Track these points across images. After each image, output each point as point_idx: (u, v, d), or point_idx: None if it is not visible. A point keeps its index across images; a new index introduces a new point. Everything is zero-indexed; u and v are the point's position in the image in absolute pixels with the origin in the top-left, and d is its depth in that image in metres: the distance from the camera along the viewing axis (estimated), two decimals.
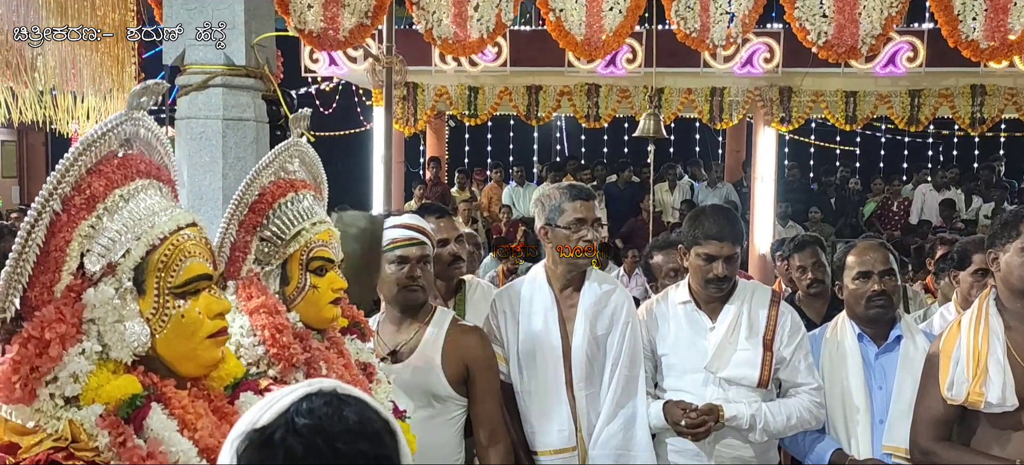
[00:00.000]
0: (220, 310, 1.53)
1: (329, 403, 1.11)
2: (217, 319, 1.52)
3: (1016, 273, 2.54)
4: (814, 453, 2.95)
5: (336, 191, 8.95)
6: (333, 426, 1.09)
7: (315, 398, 1.12)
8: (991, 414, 2.56)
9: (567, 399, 2.91)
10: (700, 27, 6.05)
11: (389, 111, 8.46)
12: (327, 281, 1.91)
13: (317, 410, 1.10)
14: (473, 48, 6.38)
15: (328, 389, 1.14)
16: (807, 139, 15.67)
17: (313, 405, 1.11)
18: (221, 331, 1.54)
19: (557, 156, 16.45)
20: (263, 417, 1.11)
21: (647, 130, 7.80)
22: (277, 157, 1.91)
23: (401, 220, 2.76)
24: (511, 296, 3.05)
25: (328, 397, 1.12)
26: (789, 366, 2.94)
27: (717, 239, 2.89)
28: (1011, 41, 6.14)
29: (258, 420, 1.11)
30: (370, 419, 1.13)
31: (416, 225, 2.75)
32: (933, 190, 11.67)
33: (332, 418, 1.09)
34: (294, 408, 1.11)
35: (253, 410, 1.15)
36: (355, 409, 1.12)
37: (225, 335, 1.56)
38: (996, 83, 10.91)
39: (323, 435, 1.08)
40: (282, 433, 1.08)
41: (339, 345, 1.98)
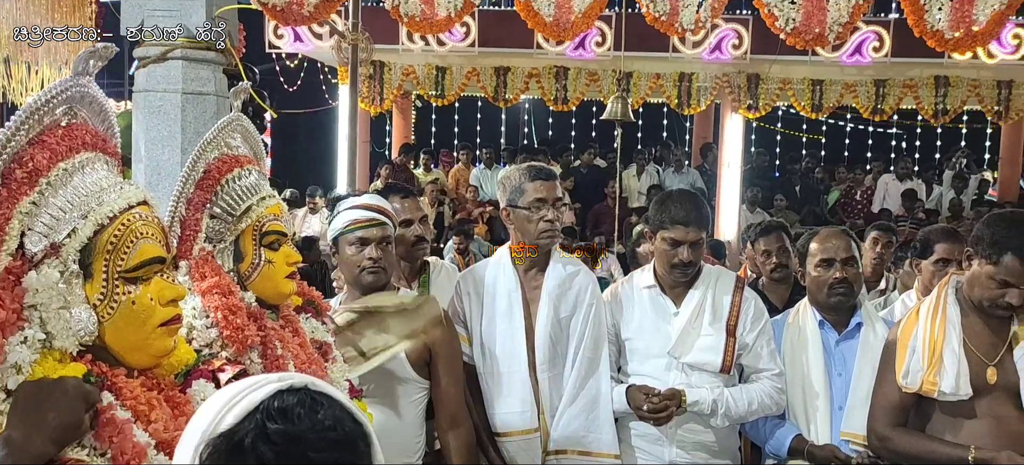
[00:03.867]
0: (174, 296, 1.44)
1: (302, 404, 1.04)
2: (170, 306, 1.44)
3: (982, 290, 2.57)
4: (774, 438, 2.96)
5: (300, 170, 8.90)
6: (308, 432, 1.02)
7: (287, 396, 1.05)
8: (945, 402, 2.59)
9: (530, 381, 2.89)
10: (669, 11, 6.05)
11: (354, 90, 8.37)
12: (282, 255, 1.87)
13: (290, 412, 1.03)
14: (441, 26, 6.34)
15: (299, 386, 1.07)
16: (774, 126, 15.81)
17: (285, 405, 1.03)
18: (174, 319, 1.45)
19: (525, 138, 16.43)
20: (228, 416, 1.04)
21: (615, 113, 7.81)
22: (220, 133, 1.85)
23: (362, 201, 2.71)
24: (475, 277, 3.02)
25: (301, 396, 1.05)
26: (751, 352, 2.95)
27: (683, 224, 2.88)
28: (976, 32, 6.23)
29: (223, 418, 1.03)
30: (344, 423, 1.06)
31: (377, 206, 2.70)
32: (895, 180, 11.84)
33: (305, 421, 1.02)
34: (264, 408, 1.03)
35: (215, 404, 1.07)
36: (330, 411, 1.05)
37: (178, 323, 1.48)
38: (959, 75, 11.08)
39: (297, 443, 1.01)
40: (253, 438, 1.01)
41: (294, 324, 1.94)
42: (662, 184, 11.32)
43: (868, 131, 16.04)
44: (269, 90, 11.52)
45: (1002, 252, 2.51)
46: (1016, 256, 2.49)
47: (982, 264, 2.57)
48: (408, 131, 13.65)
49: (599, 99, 11.63)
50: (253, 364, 1.71)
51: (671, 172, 11.90)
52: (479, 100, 14.58)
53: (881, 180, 11.97)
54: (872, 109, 11.33)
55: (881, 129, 15.66)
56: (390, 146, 14.04)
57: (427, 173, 12.23)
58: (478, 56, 11.21)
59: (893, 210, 11.25)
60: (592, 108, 14.30)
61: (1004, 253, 2.51)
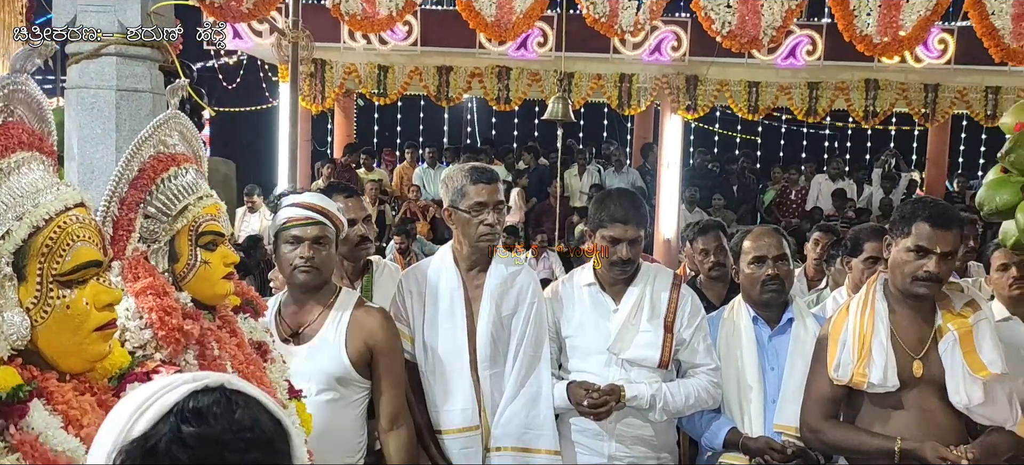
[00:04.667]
0: (110, 300, 1.42)
1: (218, 404, 1.02)
2: (105, 310, 1.41)
3: (901, 269, 2.68)
4: (710, 432, 3.03)
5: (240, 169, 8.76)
6: (223, 434, 0.99)
7: (202, 397, 1.02)
8: (874, 394, 2.68)
9: (471, 379, 2.91)
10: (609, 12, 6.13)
11: (295, 88, 8.28)
12: (218, 255, 1.84)
13: (205, 413, 1.00)
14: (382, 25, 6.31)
15: (215, 385, 1.04)
16: (712, 127, 16.09)
17: (201, 406, 1.01)
18: (109, 324, 1.42)
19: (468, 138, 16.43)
20: (141, 420, 1.01)
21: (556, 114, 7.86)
22: (156, 131, 1.82)
23: (298, 199, 2.70)
24: (418, 276, 3.03)
25: (217, 396, 1.03)
26: (688, 347, 3.01)
27: (622, 222, 2.93)
28: (903, 37, 6.45)
29: (136, 423, 1.01)
30: (262, 422, 1.04)
31: (313, 204, 2.69)
32: (828, 180, 12.16)
33: (221, 422, 1.00)
34: (178, 411, 1.01)
35: (127, 408, 1.04)
36: (247, 411, 1.03)
37: (113, 327, 1.45)
38: (888, 78, 11.42)
39: (213, 445, 0.98)
40: (166, 443, 0.98)
41: (232, 324, 1.91)
42: (603, 183, 11.43)
43: (802, 132, 16.45)
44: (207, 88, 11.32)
45: (912, 222, 2.65)
46: (925, 222, 2.63)
47: (898, 242, 2.69)
48: (350, 130, 13.54)
49: (541, 99, 11.68)
50: (189, 365, 1.69)
51: (612, 172, 12.03)
52: (422, 99, 14.53)
53: (814, 180, 12.29)
54: (806, 111, 11.61)
55: (814, 130, 16.06)
56: (332, 145, 13.89)
57: (369, 172, 12.15)
58: (420, 55, 11.17)
59: (825, 209, 11.56)
60: (534, 108, 14.36)
61: (914, 222, 2.64)
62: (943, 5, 6.97)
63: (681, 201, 11.47)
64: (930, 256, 2.62)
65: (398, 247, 8.39)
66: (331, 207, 2.73)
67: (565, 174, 11.53)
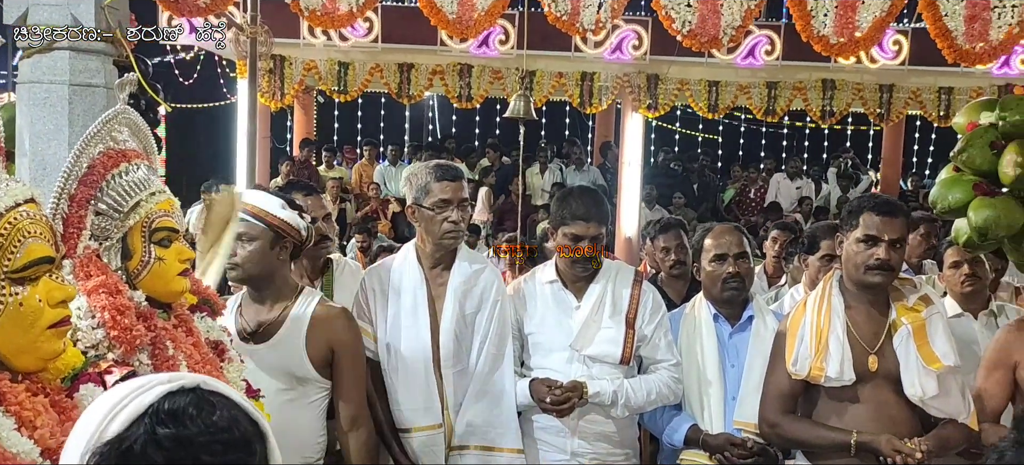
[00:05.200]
0: (63, 297, 1.40)
1: (194, 405, 1.00)
2: (59, 307, 1.39)
3: (852, 261, 2.74)
4: (671, 428, 3.05)
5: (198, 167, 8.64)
6: (199, 435, 0.98)
7: (178, 398, 1.00)
8: (831, 388, 2.73)
9: (434, 377, 2.90)
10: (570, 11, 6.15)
11: (253, 84, 8.18)
12: (173, 252, 1.81)
13: (180, 414, 0.99)
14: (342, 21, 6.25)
15: (191, 386, 1.03)
16: (672, 126, 16.22)
17: (176, 407, 0.99)
18: (63, 321, 1.40)
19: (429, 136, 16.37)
20: (115, 422, 0.99)
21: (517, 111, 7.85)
22: (105, 126, 1.78)
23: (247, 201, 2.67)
24: (381, 274, 3.01)
25: (193, 397, 1.01)
26: (650, 344, 3.03)
27: (583, 219, 2.94)
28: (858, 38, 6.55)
29: (110, 424, 0.99)
30: (240, 423, 1.02)
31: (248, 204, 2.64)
32: (786, 178, 12.34)
33: (198, 424, 0.98)
34: (153, 412, 0.99)
35: (101, 408, 1.03)
36: (224, 412, 1.02)
37: (68, 325, 1.43)
38: (845, 78, 11.60)
39: (188, 447, 0.97)
40: (142, 445, 0.96)
41: (188, 323, 1.88)
42: (565, 182, 11.46)
43: (761, 131, 16.65)
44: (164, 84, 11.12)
45: (859, 214, 2.74)
46: (871, 211, 2.72)
47: (848, 236, 2.76)
48: (310, 127, 13.40)
49: (503, 97, 11.66)
50: (142, 365, 1.66)
51: (573, 170, 12.06)
52: (383, 96, 14.44)
53: (773, 178, 12.46)
54: (765, 110, 11.75)
55: (773, 129, 16.28)
56: (291, 142, 13.74)
57: (329, 169, 12.05)
58: (381, 52, 11.10)
59: (785, 207, 11.72)
60: (496, 106, 14.35)
61: (861, 213, 2.73)
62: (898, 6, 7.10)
63: (642, 199, 11.54)
64: (879, 244, 2.68)
65: (360, 246, 8.33)
66: (265, 204, 2.65)
67: (527, 172, 11.53)
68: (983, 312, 3.51)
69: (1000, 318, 3.44)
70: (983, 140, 3.24)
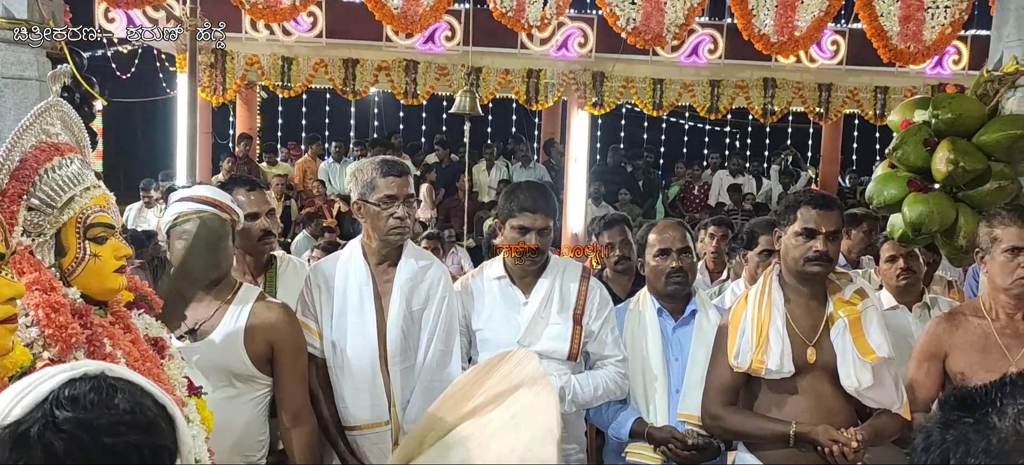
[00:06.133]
0: (12, 295, 1.37)
1: (96, 390, 0.99)
2: (7, 304, 1.36)
3: (791, 254, 2.80)
4: (616, 422, 3.08)
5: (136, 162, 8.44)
6: (100, 418, 0.97)
7: (80, 384, 0.99)
8: (771, 380, 2.79)
9: (381, 374, 2.88)
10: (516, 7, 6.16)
11: (194, 78, 8.01)
12: (109, 249, 1.77)
13: (82, 399, 0.98)
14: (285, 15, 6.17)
15: (94, 373, 1.02)
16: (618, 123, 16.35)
17: (77, 392, 0.98)
18: (11, 318, 1.38)
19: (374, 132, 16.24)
20: (17, 407, 0.98)
21: (463, 107, 7.85)
22: (37, 119, 1.72)
23: (190, 192, 2.63)
24: (326, 271, 2.98)
25: (95, 383, 1.00)
26: (597, 339, 3.05)
27: (531, 211, 2.95)
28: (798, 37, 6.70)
29: (10, 411, 0.97)
30: (143, 406, 1.01)
31: (203, 197, 2.61)
32: (729, 175, 12.55)
33: (99, 407, 0.97)
34: (54, 397, 0.98)
35: (6, 396, 1.01)
36: (127, 396, 1.01)
37: (15, 322, 1.40)
38: (785, 77, 11.84)
39: (88, 429, 0.96)
40: (40, 428, 0.95)
41: (125, 320, 1.83)
42: (511, 178, 11.48)
43: (705, 129, 16.89)
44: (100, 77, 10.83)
45: (797, 208, 2.80)
46: (809, 205, 2.78)
47: (786, 231, 2.83)
48: (253, 122, 13.18)
49: (449, 93, 11.63)
50: None
51: (519, 167, 12.10)
52: (328, 92, 14.28)
53: (716, 175, 12.66)
54: (708, 108, 11.93)
55: (717, 127, 16.53)
56: (234, 137, 13.50)
57: (273, 166, 11.87)
58: (326, 47, 10.98)
59: (727, 204, 11.91)
60: (442, 102, 14.30)
61: (799, 208, 2.80)
62: (835, 6, 7.28)
63: (588, 196, 11.62)
64: (817, 236, 2.75)
65: (320, 246, 8.18)
66: (223, 198, 2.65)
67: (473, 169, 11.53)
68: (917, 305, 3.61)
69: (933, 311, 3.54)
70: (917, 138, 3.33)
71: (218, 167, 11.36)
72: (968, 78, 9.07)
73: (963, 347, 2.83)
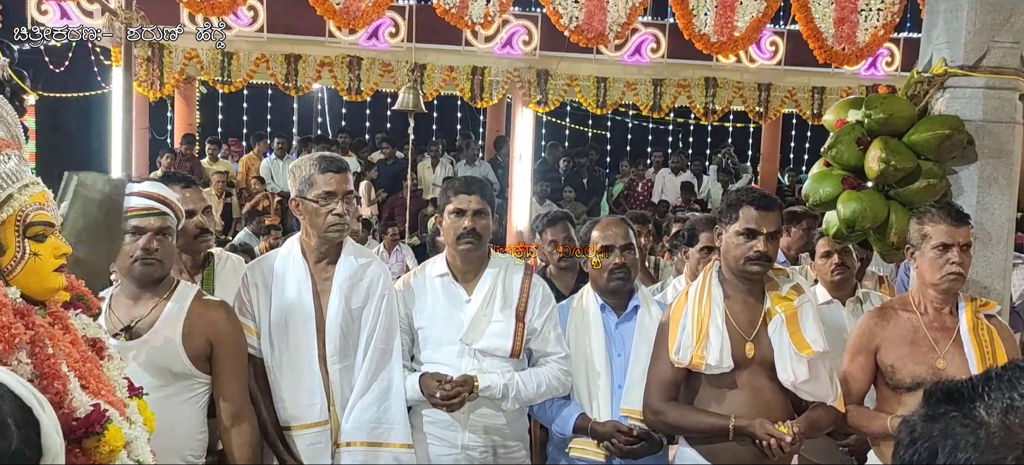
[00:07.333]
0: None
1: None
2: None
3: (732, 253, 2.85)
4: (560, 418, 3.09)
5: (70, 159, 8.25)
6: None
7: None
8: (711, 375, 2.83)
9: (320, 373, 2.86)
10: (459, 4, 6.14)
11: (129, 73, 7.82)
12: (49, 247, 1.71)
13: None
14: (223, 8, 6.05)
15: None
16: (562, 121, 16.44)
17: None
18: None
19: (318, 129, 16.06)
20: None
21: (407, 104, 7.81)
22: None
23: (140, 188, 2.58)
24: (264, 268, 2.94)
25: None
26: (540, 336, 3.06)
27: (465, 192, 2.96)
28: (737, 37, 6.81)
29: None
30: None
31: (156, 194, 2.58)
32: (671, 173, 12.72)
33: None
34: None
35: None
36: None
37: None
38: (725, 77, 12.04)
39: None
40: None
41: (64, 320, 1.78)
42: (456, 175, 11.46)
43: (648, 127, 17.07)
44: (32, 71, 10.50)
45: (739, 207, 2.85)
46: (750, 205, 2.83)
47: (727, 229, 2.87)
48: (192, 118, 12.91)
49: (394, 90, 11.55)
50: (21, 365, 1.56)
51: (464, 164, 12.08)
52: (270, 88, 14.08)
53: (659, 174, 12.82)
54: (651, 106, 12.06)
55: (660, 126, 16.72)
56: (172, 133, 13.22)
57: (214, 162, 11.65)
58: (267, 42, 10.82)
59: (671, 201, 12.06)
60: (387, 99, 14.20)
61: (740, 207, 2.84)
62: (773, 7, 7.43)
63: (533, 194, 11.65)
64: (758, 237, 2.80)
65: (272, 243, 8.05)
66: (172, 197, 2.62)
67: (418, 166, 11.47)
68: (850, 299, 3.69)
69: (866, 305, 3.63)
70: (850, 137, 3.41)
71: (156, 164, 11.11)
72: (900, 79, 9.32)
73: (894, 340, 2.91)
